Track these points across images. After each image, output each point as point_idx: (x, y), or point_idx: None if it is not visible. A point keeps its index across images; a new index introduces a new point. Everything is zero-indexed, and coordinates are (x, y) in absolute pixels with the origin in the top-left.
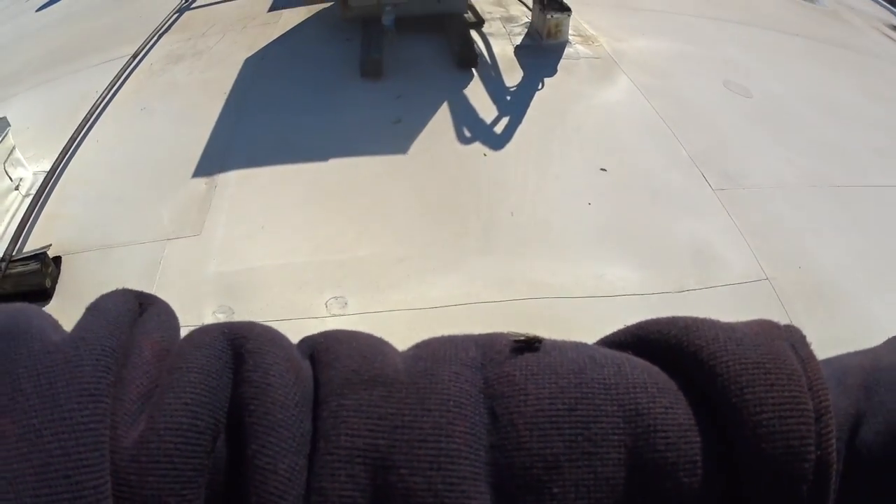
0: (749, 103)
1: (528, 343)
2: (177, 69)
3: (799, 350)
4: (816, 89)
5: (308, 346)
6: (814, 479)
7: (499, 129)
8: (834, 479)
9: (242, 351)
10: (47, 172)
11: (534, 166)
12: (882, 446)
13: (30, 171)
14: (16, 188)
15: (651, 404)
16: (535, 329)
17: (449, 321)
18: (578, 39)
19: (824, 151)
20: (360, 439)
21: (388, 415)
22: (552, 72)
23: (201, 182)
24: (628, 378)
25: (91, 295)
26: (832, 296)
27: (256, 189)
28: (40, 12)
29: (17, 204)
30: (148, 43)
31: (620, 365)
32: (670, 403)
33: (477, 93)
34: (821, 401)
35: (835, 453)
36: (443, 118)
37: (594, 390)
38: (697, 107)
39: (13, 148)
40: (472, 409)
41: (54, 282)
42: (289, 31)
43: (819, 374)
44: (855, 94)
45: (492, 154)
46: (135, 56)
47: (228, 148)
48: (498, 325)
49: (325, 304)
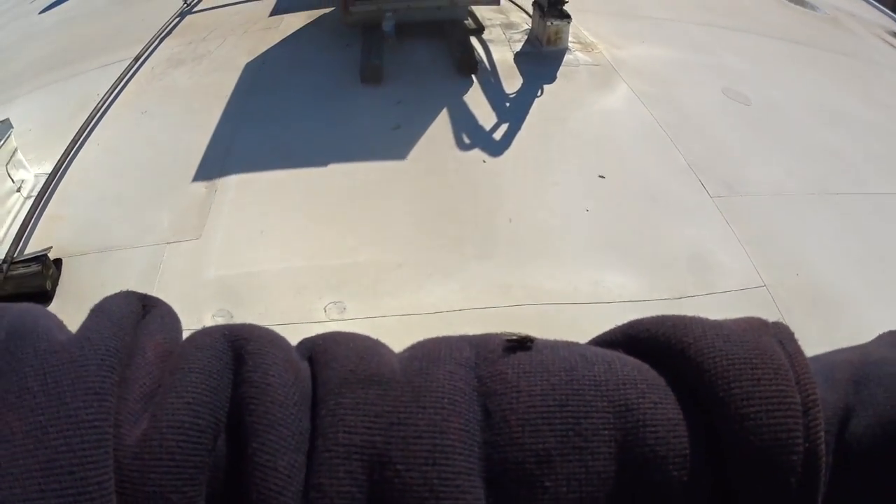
0: (748, 111)
1: (521, 342)
2: (178, 73)
3: (786, 345)
4: (815, 97)
5: (307, 347)
6: (802, 471)
7: (498, 135)
8: (824, 472)
9: (243, 352)
10: (49, 175)
11: (533, 173)
12: (872, 439)
13: (31, 174)
14: (17, 190)
15: (640, 400)
16: (532, 334)
17: (447, 326)
18: (578, 46)
19: (823, 159)
20: (358, 436)
21: (385, 412)
22: (552, 79)
23: (201, 186)
24: (618, 375)
25: (91, 297)
26: (830, 303)
27: (256, 193)
28: (42, 15)
29: (18, 206)
30: (149, 47)
31: (611, 362)
32: (659, 399)
33: (476, 99)
34: (808, 394)
35: (823, 446)
36: (442, 124)
37: (585, 387)
38: (696, 114)
39: (15, 150)
40: (466, 407)
41: (55, 284)
42: (289, 36)
43: (806, 368)
44: (854, 101)
45: (491, 160)
46: (136, 59)
47: (229, 152)
48: (495, 330)
49: (324, 308)
